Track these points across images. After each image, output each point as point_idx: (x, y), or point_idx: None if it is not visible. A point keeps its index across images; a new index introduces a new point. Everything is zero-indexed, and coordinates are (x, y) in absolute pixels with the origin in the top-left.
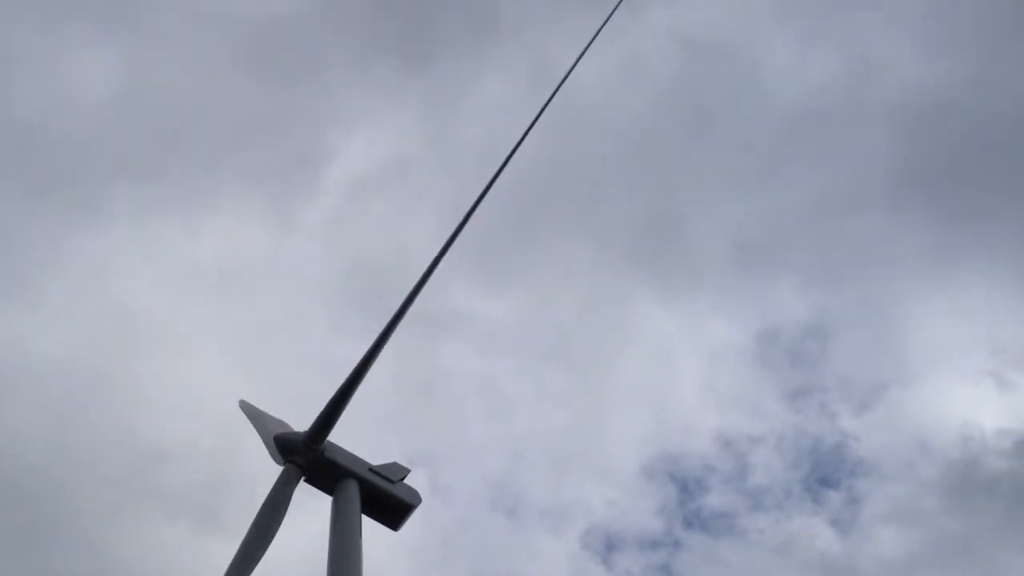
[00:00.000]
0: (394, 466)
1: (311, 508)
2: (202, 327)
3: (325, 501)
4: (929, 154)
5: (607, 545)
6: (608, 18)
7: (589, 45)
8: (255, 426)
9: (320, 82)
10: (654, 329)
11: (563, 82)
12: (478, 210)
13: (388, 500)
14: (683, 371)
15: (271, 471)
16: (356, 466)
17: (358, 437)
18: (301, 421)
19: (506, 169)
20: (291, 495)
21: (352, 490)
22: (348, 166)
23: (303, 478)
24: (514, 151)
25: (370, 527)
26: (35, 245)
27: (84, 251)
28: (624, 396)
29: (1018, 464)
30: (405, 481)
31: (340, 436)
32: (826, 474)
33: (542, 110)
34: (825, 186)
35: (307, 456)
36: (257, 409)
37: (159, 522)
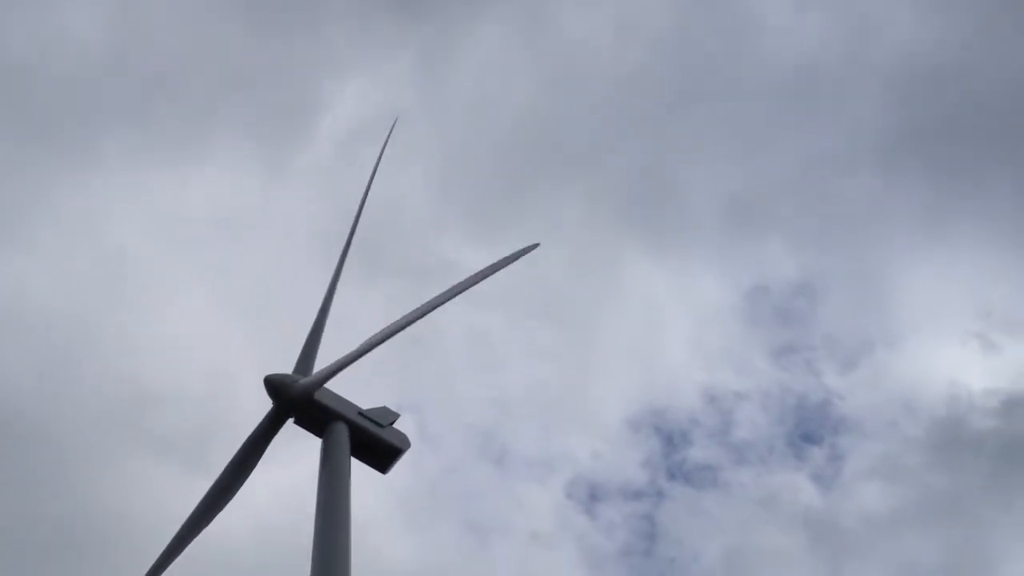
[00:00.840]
0: (384, 410)
1: (301, 450)
2: (192, 273)
3: (316, 443)
4: (924, 116)
5: (591, 495)
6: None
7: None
8: None
9: (314, 30)
10: (644, 285)
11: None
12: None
13: (377, 444)
14: (672, 327)
15: (260, 415)
16: (346, 409)
17: (348, 382)
18: (290, 367)
19: (501, 120)
20: (272, 436)
21: (341, 433)
22: (341, 116)
23: (292, 420)
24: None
25: (359, 470)
26: (27, 189)
27: (76, 196)
28: (613, 350)
29: (1004, 423)
30: (394, 426)
31: (331, 380)
32: (809, 430)
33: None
34: (819, 147)
35: (298, 399)
36: None
37: (148, 464)
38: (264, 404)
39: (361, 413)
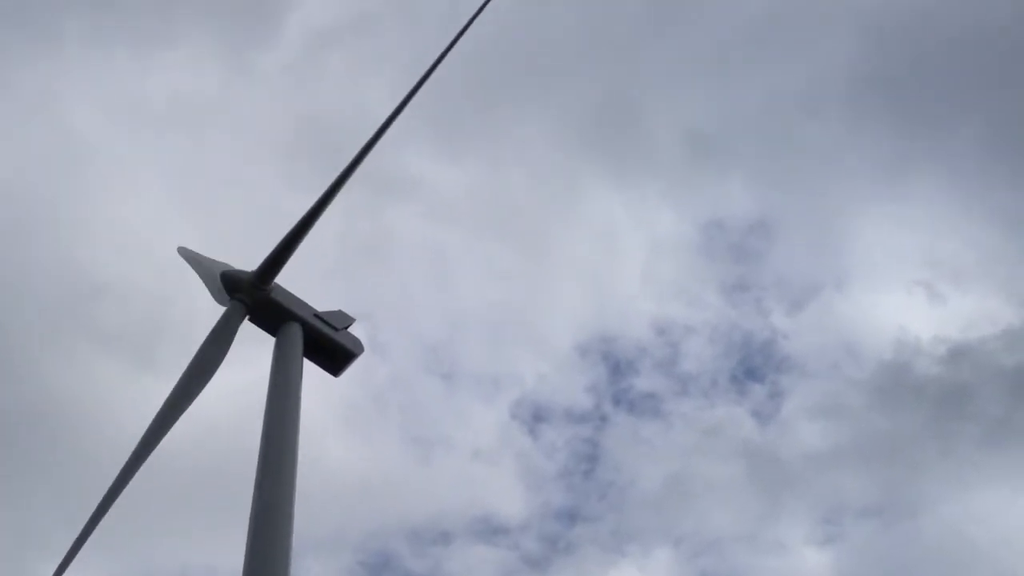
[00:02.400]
0: (339, 314)
1: (254, 348)
2: (148, 164)
3: (259, 348)
4: (894, 63)
5: (535, 416)
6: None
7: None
8: (196, 270)
9: None
10: (602, 212)
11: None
12: (437, 73)
13: (331, 346)
14: (626, 255)
15: (210, 313)
16: (301, 310)
17: (302, 286)
18: (243, 266)
19: (472, 33)
20: (235, 331)
21: (295, 333)
22: (310, 15)
23: (247, 317)
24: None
25: (310, 372)
26: None
27: (34, 76)
28: (566, 275)
29: (949, 371)
30: (349, 330)
31: (285, 282)
32: (754, 367)
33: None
34: (786, 85)
35: (253, 295)
36: (197, 254)
37: (94, 356)
38: (214, 303)
39: (316, 315)
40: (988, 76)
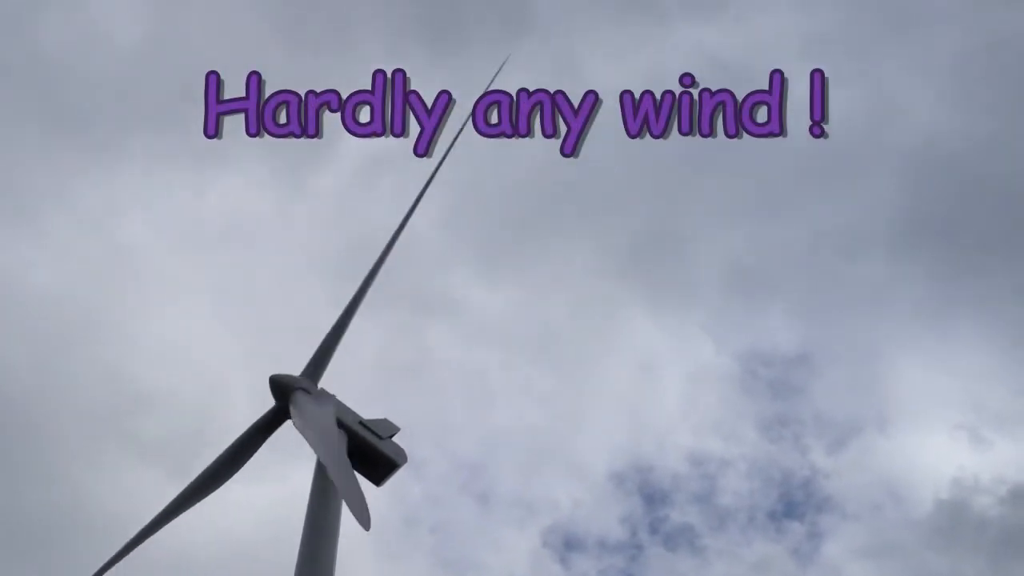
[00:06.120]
0: (384, 422)
1: (278, 470)
2: (198, 281)
3: (293, 463)
4: (936, 207)
5: (567, 544)
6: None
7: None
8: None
9: (347, 54)
10: (640, 341)
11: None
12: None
13: (374, 455)
14: (664, 386)
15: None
16: (347, 417)
17: (344, 396)
18: None
19: (520, 161)
20: (269, 434)
21: (340, 440)
22: (363, 141)
23: (290, 421)
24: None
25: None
26: (47, 179)
27: (92, 192)
28: (603, 402)
29: (1010, 512)
30: (393, 439)
31: (332, 391)
32: (793, 505)
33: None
34: (829, 224)
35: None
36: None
37: (134, 467)
38: (254, 417)
39: (362, 422)
40: None
